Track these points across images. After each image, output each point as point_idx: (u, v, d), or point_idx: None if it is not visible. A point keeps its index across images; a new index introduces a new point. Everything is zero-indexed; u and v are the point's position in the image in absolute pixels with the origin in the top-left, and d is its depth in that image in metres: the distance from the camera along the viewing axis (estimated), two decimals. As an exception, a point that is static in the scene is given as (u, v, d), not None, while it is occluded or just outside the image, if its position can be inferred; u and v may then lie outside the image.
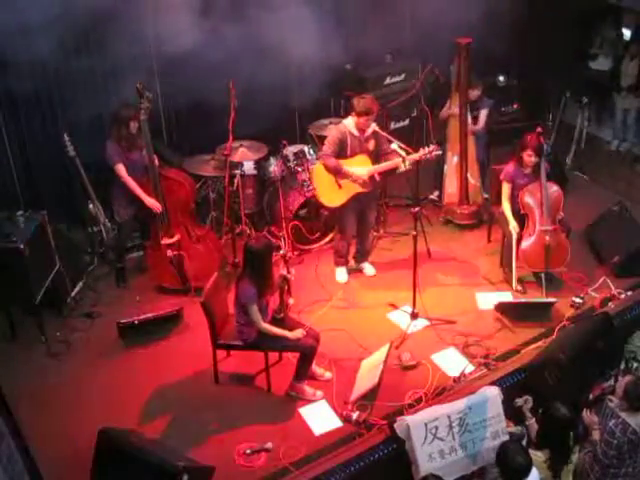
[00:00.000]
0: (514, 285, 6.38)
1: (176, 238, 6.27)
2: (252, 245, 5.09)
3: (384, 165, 6.08)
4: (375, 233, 7.02)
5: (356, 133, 6.00)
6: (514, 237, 6.28)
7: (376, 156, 6.12)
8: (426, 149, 5.96)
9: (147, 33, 6.70)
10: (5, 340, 5.90)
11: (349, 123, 6.01)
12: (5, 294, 5.74)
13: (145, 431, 4.90)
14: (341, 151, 6.02)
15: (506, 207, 6.45)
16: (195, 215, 6.61)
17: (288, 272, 5.26)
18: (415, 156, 5.95)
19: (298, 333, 5.17)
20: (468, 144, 7.26)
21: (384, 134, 6.08)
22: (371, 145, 6.08)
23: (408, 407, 5.18)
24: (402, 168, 5.92)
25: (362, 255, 6.65)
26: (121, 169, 6.06)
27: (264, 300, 5.19)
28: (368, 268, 6.68)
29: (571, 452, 4.76)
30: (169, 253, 6.25)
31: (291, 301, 5.32)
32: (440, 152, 6.19)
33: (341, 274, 6.57)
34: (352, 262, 6.69)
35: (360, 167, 6.05)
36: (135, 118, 5.93)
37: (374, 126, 6.02)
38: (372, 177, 6.12)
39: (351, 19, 7.76)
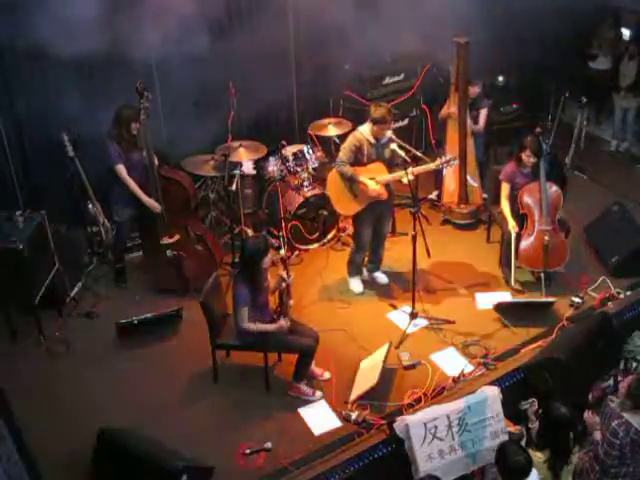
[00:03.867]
0: (512, 282, 6.39)
1: (175, 238, 6.28)
2: (248, 244, 5.12)
3: (397, 175, 5.95)
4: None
5: (372, 140, 5.91)
6: (513, 236, 6.28)
7: (390, 164, 6.04)
8: (443, 159, 5.91)
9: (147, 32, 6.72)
10: (5, 340, 5.90)
11: (365, 130, 5.92)
12: (4, 294, 5.74)
13: (145, 431, 4.90)
14: (357, 158, 5.93)
15: (505, 207, 6.45)
16: (195, 215, 6.61)
17: (287, 275, 5.25)
18: (431, 165, 5.93)
19: (280, 324, 5.12)
20: (467, 144, 7.27)
21: (399, 142, 5.94)
22: (387, 153, 5.99)
23: (407, 407, 5.19)
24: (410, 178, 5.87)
25: (375, 264, 6.59)
26: (122, 169, 6.06)
27: (261, 299, 5.20)
28: (381, 277, 6.61)
29: (571, 453, 4.76)
30: (168, 253, 6.26)
31: (290, 302, 5.32)
32: (457, 161, 6.13)
33: (356, 284, 6.51)
34: (364, 271, 6.61)
35: (376, 174, 5.95)
36: (136, 119, 5.93)
37: (390, 134, 5.92)
38: (387, 186, 6.05)
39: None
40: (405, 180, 5.86)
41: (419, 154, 6.00)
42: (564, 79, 8.76)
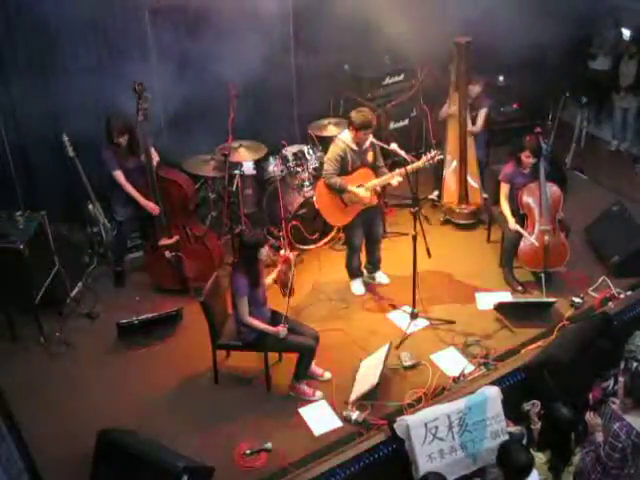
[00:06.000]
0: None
1: (175, 239, 6.27)
2: (246, 237, 5.16)
3: (386, 177, 5.98)
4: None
5: (355, 147, 5.90)
6: (518, 229, 6.29)
7: (374, 168, 6.05)
8: (428, 156, 5.91)
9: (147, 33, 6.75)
10: (5, 340, 5.90)
11: (346, 138, 5.90)
12: (5, 294, 5.74)
13: (145, 431, 4.90)
14: (343, 167, 5.92)
15: (504, 206, 6.45)
16: (194, 215, 6.61)
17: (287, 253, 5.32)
18: (418, 164, 5.94)
19: (277, 329, 5.14)
20: (468, 144, 7.26)
21: (381, 144, 5.99)
22: (370, 157, 5.99)
23: (408, 407, 5.19)
24: (399, 179, 5.94)
25: (374, 266, 6.58)
26: (119, 175, 6.07)
27: (259, 294, 5.20)
28: (381, 277, 6.61)
29: (572, 454, 4.75)
30: (167, 254, 6.26)
31: (292, 274, 5.32)
32: (442, 156, 6.14)
33: (357, 286, 6.50)
34: (365, 273, 6.61)
35: (364, 181, 5.96)
36: (123, 132, 5.94)
37: (371, 138, 5.91)
38: (375, 190, 6.06)
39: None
40: (395, 182, 5.90)
41: (403, 154, 5.94)
42: (564, 79, 8.75)
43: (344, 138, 5.93)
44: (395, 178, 5.94)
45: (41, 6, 6.15)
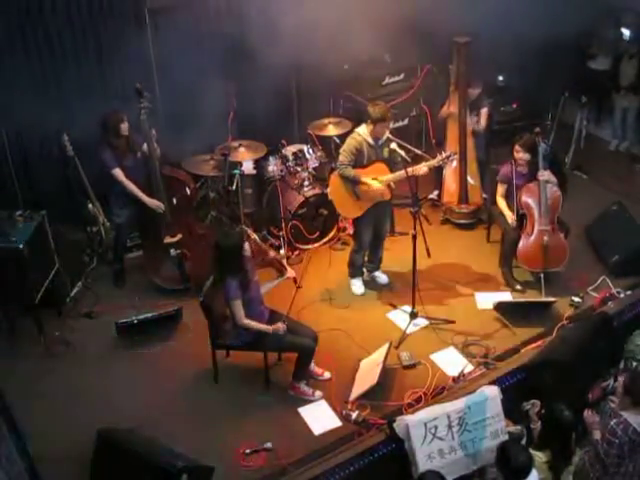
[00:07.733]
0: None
1: (178, 237, 6.27)
2: (222, 242, 5.03)
3: (397, 174, 5.97)
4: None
5: (372, 141, 5.90)
6: (513, 225, 6.32)
7: (390, 163, 6.05)
8: (443, 155, 5.91)
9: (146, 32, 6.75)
10: (4, 340, 5.89)
11: (364, 132, 5.91)
12: (4, 294, 5.74)
13: (145, 431, 4.90)
14: (358, 160, 5.93)
15: (501, 203, 6.50)
16: (195, 213, 6.61)
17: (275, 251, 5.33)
18: (432, 162, 5.94)
19: (277, 326, 5.13)
20: (467, 144, 7.27)
21: (397, 140, 5.99)
22: (386, 152, 6.00)
23: (407, 407, 5.19)
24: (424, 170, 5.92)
25: (374, 264, 6.58)
26: (119, 174, 6.06)
27: (252, 293, 5.17)
28: (381, 277, 6.61)
29: (572, 454, 4.75)
30: (172, 252, 6.25)
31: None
32: (457, 156, 6.13)
33: (357, 285, 6.50)
34: (364, 272, 6.60)
35: (378, 175, 5.96)
36: (123, 120, 5.93)
37: (388, 133, 5.94)
38: (389, 185, 6.05)
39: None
40: (422, 171, 5.85)
41: (419, 152, 6.00)
42: (564, 79, 8.75)
43: (361, 131, 5.94)
44: (422, 170, 5.89)
45: (41, 7, 6.17)
